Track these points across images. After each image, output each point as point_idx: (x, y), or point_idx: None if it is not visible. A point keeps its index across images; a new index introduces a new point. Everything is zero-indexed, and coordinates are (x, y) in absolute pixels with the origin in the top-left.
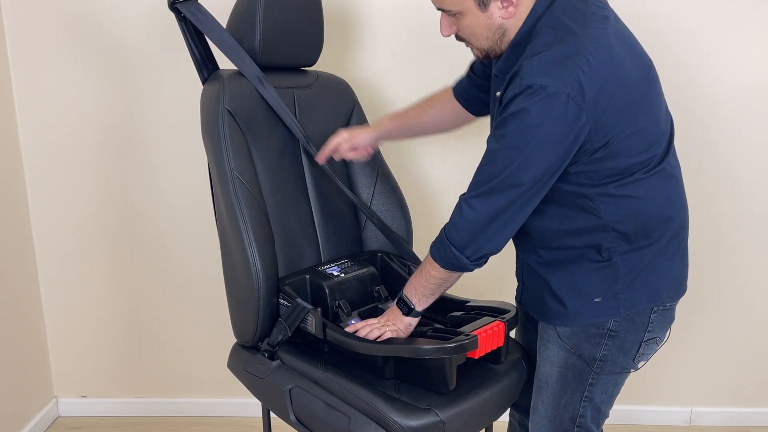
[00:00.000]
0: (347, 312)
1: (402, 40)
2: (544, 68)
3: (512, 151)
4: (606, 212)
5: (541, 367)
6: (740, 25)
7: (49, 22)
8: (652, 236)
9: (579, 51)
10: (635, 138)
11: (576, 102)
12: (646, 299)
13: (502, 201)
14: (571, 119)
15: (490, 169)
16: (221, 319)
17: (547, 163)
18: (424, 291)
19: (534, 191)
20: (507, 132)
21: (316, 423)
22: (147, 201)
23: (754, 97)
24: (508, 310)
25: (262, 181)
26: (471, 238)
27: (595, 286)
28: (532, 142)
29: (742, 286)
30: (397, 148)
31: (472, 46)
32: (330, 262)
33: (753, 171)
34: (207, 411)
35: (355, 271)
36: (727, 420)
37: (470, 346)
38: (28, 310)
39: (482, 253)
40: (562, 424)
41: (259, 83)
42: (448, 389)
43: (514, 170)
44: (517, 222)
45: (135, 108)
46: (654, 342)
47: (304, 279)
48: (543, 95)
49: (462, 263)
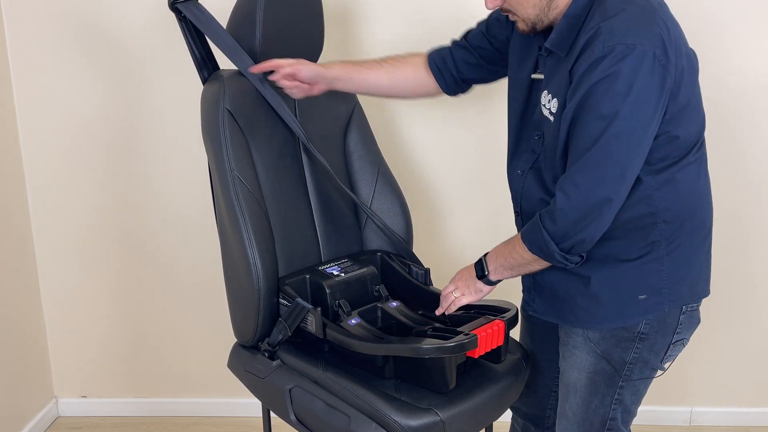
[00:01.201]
0: (347, 311)
1: (402, 40)
2: (627, 28)
3: (602, 121)
4: (659, 198)
5: (568, 373)
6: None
7: (50, 23)
8: (693, 227)
9: (655, 11)
10: (694, 113)
11: (661, 62)
12: (688, 294)
13: (595, 177)
14: (660, 79)
15: (580, 144)
16: (221, 319)
17: (640, 129)
18: (503, 262)
19: (630, 164)
20: (596, 100)
21: (316, 423)
22: (147, 201)
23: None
24: (508, 309)
25: (262, 181)
26: (565, 225)
27: (639, 283)
28: (625, 106)
29: (742, 287)
30: (397, 148)
31: (518, 18)
32: (330, 261)
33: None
34: (207, 411)
35: (355, 271)
36: (727, 420)
37: (470, 345)
38: (28, 310)
39: (575, 241)
40: (592, 428)
41: (259, 83)
42: (448, 388)
43: (606, 141)
44: (615, 204)
45: (135, 108)
46: (681, 343)
47: (304, 279)
48: (632, 55)
49: (550, 250)
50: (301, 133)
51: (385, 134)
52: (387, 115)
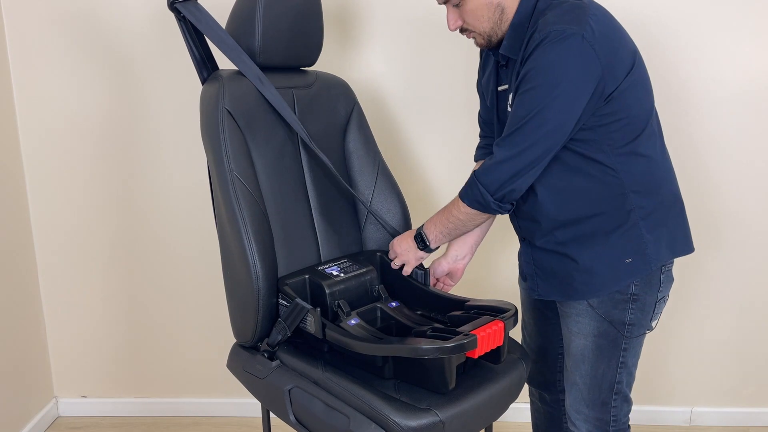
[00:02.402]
0: (347, 312)
1: (402, 40)
2: (558, 18)
3: (536, 93)
4: (624, 172)
5: (574, 342)
6: (732, 25)
7: (50, 23)
8: (662, 195)
9: (586, 7)
10: (639, 92)
11: (590, 43)
12: (668, 252)
13: (527, 141)
14: (589, 58)
15: (517, 113)
16: (221, 319)
17: (569, 102)
18: (442, 229)
19: (558, 134)
20: (531, 79)
21: (315, 423)
22: (147, 201)
23: (744, 99)
24: (508, 309)
25: (262, 181)
26: (497, 177)
27: (624, 249)
28: (555, 82)
29: (741, 287)
30: (396, 148)
31: (475, 34)
32: (329, 261)
33: (748, 171)
34: (207, 411)
35: (354, 271)
36: (727, 420)
37: (469, 345)
38: (28, 310)
39: (506, 190)
40: (601, 394)
41: (259, 82)
42: (448, 389)
43: (539, 111)
44: (540, 164)
45: (134, 108)
46: (663, 301)
47: (304, 279)
48: (561, 37)
49: (486, 201)
50: (303, 132)
51: (385, 134)
52: (387, 115)
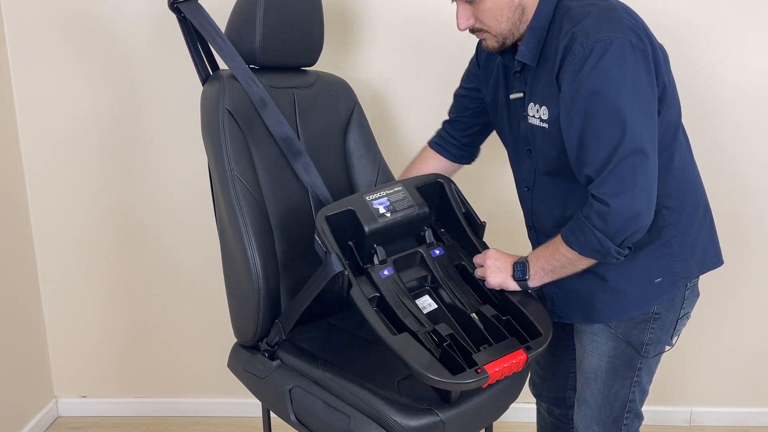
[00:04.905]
0: (382, 260)
1: (402, 40)
2: (598, 26)
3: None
4: (658, 187)
5: (587, 359)
6: (747, 25)
7: (49, 22)
8: (691, 207)
9: (616, 8)
10: (671, 96)
11: (639, 47)
12: (698, 268)
13: (631, 171)
14: (645, 63)
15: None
16: (221, 319)
17: (647, 110)
18: (545, 265)
19: (653, 144)
20: (597, 108)
21: (316, 423)
22: (147, 200)
23: (758, 98)
24: (542, 334)
25: (262, 181)
26: (618, 223)
27: (655, 267)
28: (627, 100)
29: (742, 287)
30: (397, 146)
31: (489, 35)
32: (382, 189)
33: (756, 171)
34: (207, 411)
35: (403, 209)
36: (727, 420)
37: (478, 383)
38: (28, 310)
39: (628, 234)
40: (612, 412)
41: (248, 85)
42: (450, 400)
43: (628, 138)
44: (655, 185)
45: (135, 108)
46: (686, 317)
47: (347, 212)
48: (611, 49)
49: (605, 248)
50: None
51: (386, 134)
52: (387, 115)
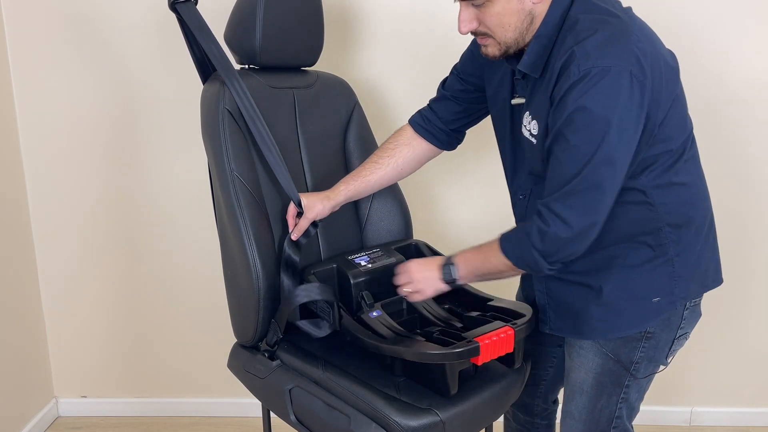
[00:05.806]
0: (369, 304)
1: (402, 40)
2: (600, 50)
3: (588, 146)
4: (661, 204)
5: (574, 372)
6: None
7: (49, 22)
8: (697, 224)
9: (627, 29)
10: (679, 113)
11: (638, 78)
12: (698, 287)
13: (587, 203)
14: (639, 96)
15: (568, 168)
16: (221, 319)
17: (624, 149)
18: (475, 270)
19: (616, 185)
20: (576, 126)
21: (316, 423)
22: (147, 201)
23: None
24: (523, 315)
25: (262, 180)
26: (556, 245)
27: (653, 286)
28: (607, 130)
29: (742, 287)
30: None
31: (492, 41)
32: (362, 250)
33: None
34: (207, 411)
35: (383, 261)
36: (727, 420)
37: (471, 353)
38: (28, 310)
39: (563, 256)
40: (598, 426)
41: (236, 92)
42: (449, 393)
43: (594, 166)
44: (601, 223)
45: (135, 108)
46: (684, 338)
47: (332, 268)
48: (607, 77)
49: (539, 266)
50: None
51: (385, 134)
52: (387, 115)
